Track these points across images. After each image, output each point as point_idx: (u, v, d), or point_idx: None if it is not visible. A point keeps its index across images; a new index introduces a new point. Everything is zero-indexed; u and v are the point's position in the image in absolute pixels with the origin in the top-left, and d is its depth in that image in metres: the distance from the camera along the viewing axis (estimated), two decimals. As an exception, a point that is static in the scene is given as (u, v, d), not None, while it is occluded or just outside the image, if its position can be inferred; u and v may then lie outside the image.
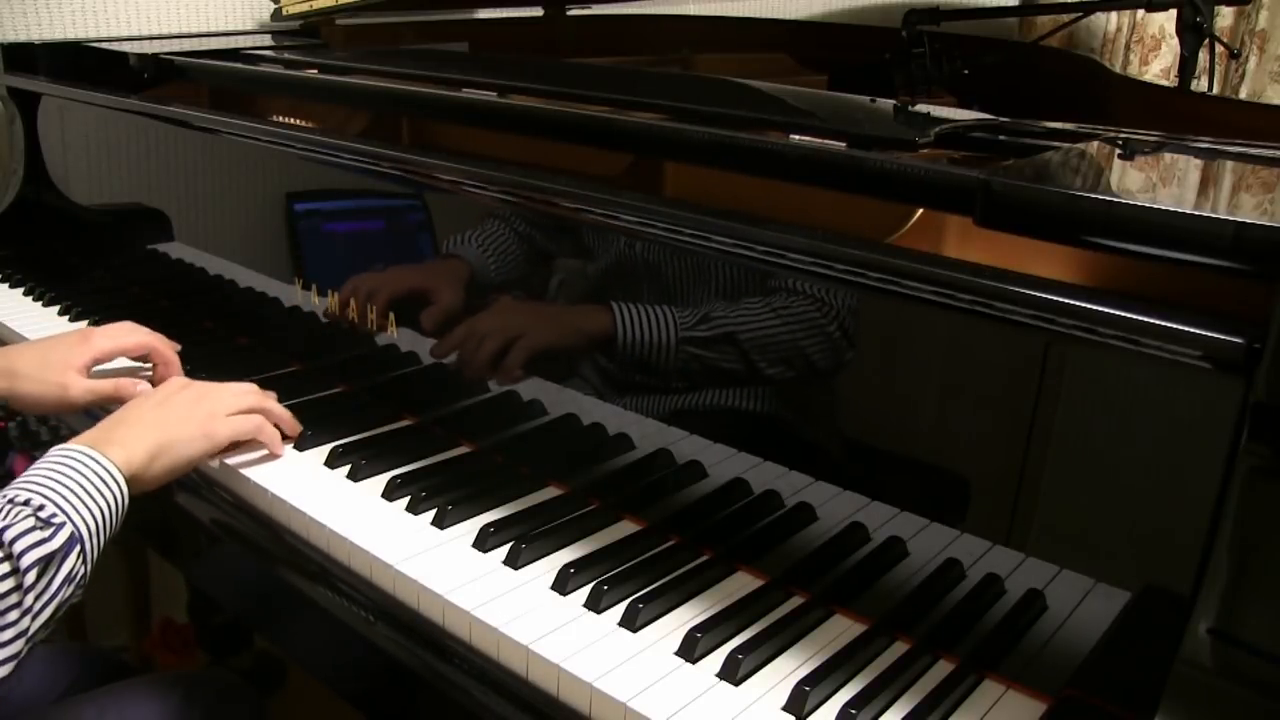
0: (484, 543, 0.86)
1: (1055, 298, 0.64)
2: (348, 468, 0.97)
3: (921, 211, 0.86)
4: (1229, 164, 0.82)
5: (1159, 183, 0.78)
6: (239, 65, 1.42)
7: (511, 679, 0.75)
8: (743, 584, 0.82)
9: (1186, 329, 0.59)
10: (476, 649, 0.77)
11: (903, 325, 0.74)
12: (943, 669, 0.72)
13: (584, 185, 0.89)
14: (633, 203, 0.85)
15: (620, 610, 0.77)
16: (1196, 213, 0.62)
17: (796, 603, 0.79)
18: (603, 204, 0.87)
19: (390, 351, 1.09)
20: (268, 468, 0.98)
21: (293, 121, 1.34)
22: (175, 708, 0.99)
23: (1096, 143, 0.84)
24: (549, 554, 0.85)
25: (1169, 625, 0.61)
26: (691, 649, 0.73)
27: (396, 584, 0.83)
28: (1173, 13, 1.52)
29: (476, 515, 0.90)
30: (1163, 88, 1.70)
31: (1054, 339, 0.65)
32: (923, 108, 0.99)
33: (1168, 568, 0.64)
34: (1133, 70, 2.58)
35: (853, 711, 0.66)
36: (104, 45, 1.55)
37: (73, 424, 1.20)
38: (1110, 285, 0.67)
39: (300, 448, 1.01)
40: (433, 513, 0.90)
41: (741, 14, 2.38)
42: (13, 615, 0.71)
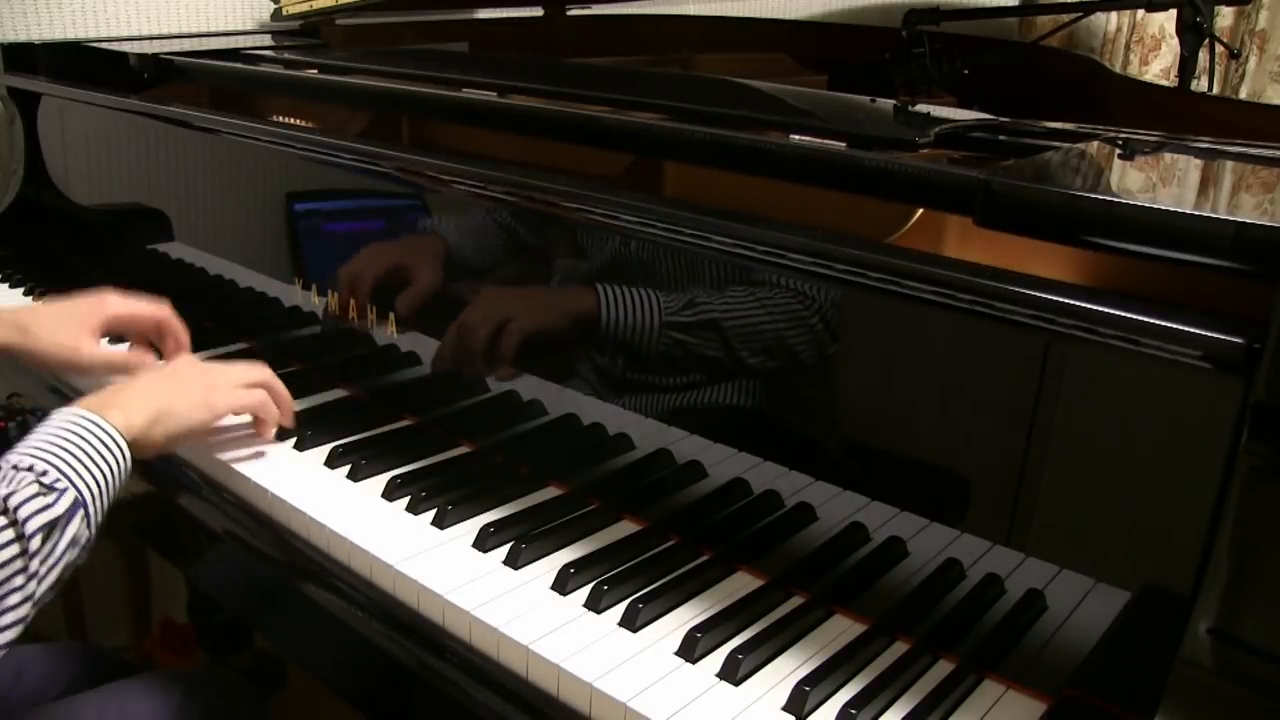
0: (484, 543, 0.86)
1: (1055, 298, 0.64)
2: (348, 468, 0.97)
3: (921, 211, 0.86)
4: (1229, 164, 0.82)
5: (1159, 183, 0.78)
6: (239, 65, 1.42)
7: (511, 679, 0.75)
8: (743, 584, 0.82)
9: (1186, 329, 0.59)
10: (476, 649, 0.77)
11: (903, 325, 0.74)
12: (943, 669, 0.72)
13: (584, 185, 0.89)
14: (632, 203, 0.85)
15: (620, 610, 0.77)
16: (1196, 213, 0.62)
17: (796, 603, 0.79)
18: (603, 204, 0.87)
19: (390, 351, 1.09)
20: (268, 468, 0.98)
21: (293, 121, 1.34)
22: (175, 706, 0.99)
23: (1096, 143, 0.85)
24: (549, 554, 0.85)
25: (1169, 625, 0.61)
26: (691, 649, 0.73)
27: (396, 584, 0.83)
28: (1173, 13, 1.52)
29: (476, 515, 0.90)
30: (1163, 88, 1.70)
31: (1054, 339, 0.65)
32: (923, 108, 0.99)
33: (1168, 568, 0.64)
34: (1133, 70, 2.58)
35: (853, 711, 0.66)
36: (104, 45, 1.54)
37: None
38: (1110, 285, 0.67)
39: (300, 448, 1.01)
40: (433, 513, 0.90)
41: (741, 14, 2.38)
42: (18, 580, 0.73)
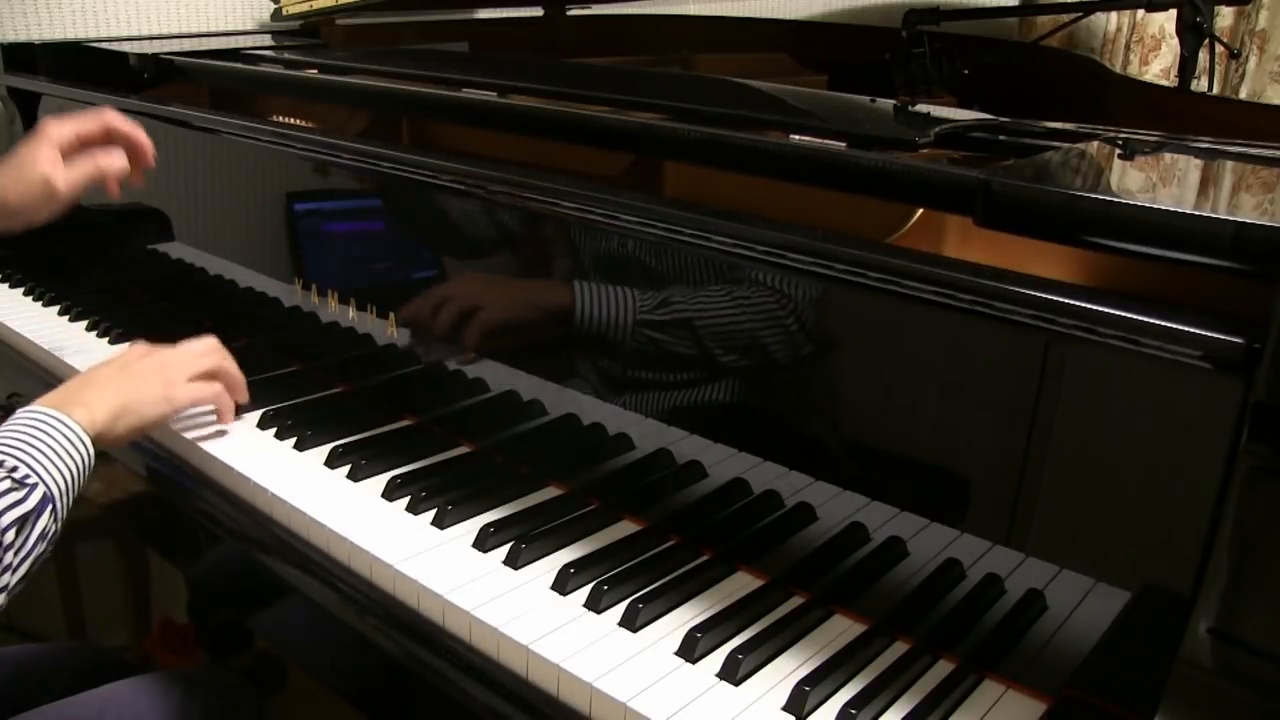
0: (484, 543, 0.86)
1: (1055, 298, 0.64)
2: (348, 468, 0.97)
3: (921, 211, 0.86)
4: (1229, 164, 0.82)
5: (1159, 183, 0.78)
6: (239, 65, 1.42)
7: (511, 679, 0.75)
8: (743, 584, 0.82)
9: (1186, 329, 0.59)
10: (476, 649, 0.77)
11: (903, 325, 0.74)
12: (943, 669, 0.72)
13: (584, 185, 0.89)
14: (632, 203, 0.85)
15: (620, 610, 0.77)
16: (1196, 213, 0.62)
17: (796, 603, 0.79)
18: (602, 204, 0.87)
19: (390, 351, 1.09)
20: (268, 468, 0.98)
21: (293, 121, 1.34)
22: (175, 706, 0.99)
23: (1096, 143, 0.85)
24: (549, 554, 0.85)
25: (1169, 625, 0.61)
26: (691, 649, 0.73)
27: (396, 584, 0.83)
28: (1173, 13, 1.52)
29: (476, 515, 0.90)
30: (1163, 88, 1.70)
31: (1054, 339, 0.65)
32: (923, 108, 0.99)
33: (1168, 568, 0.64)
34: (1133, 70, 2.58)
35: (853, 711, 0.66)
36: (104, 45, 1.54)
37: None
38: (1110, 285, 0.67)
39: (300, 448, 1.01)
40: (433, 513, 0.90)
41: (741, 14, 2.38)
42: None
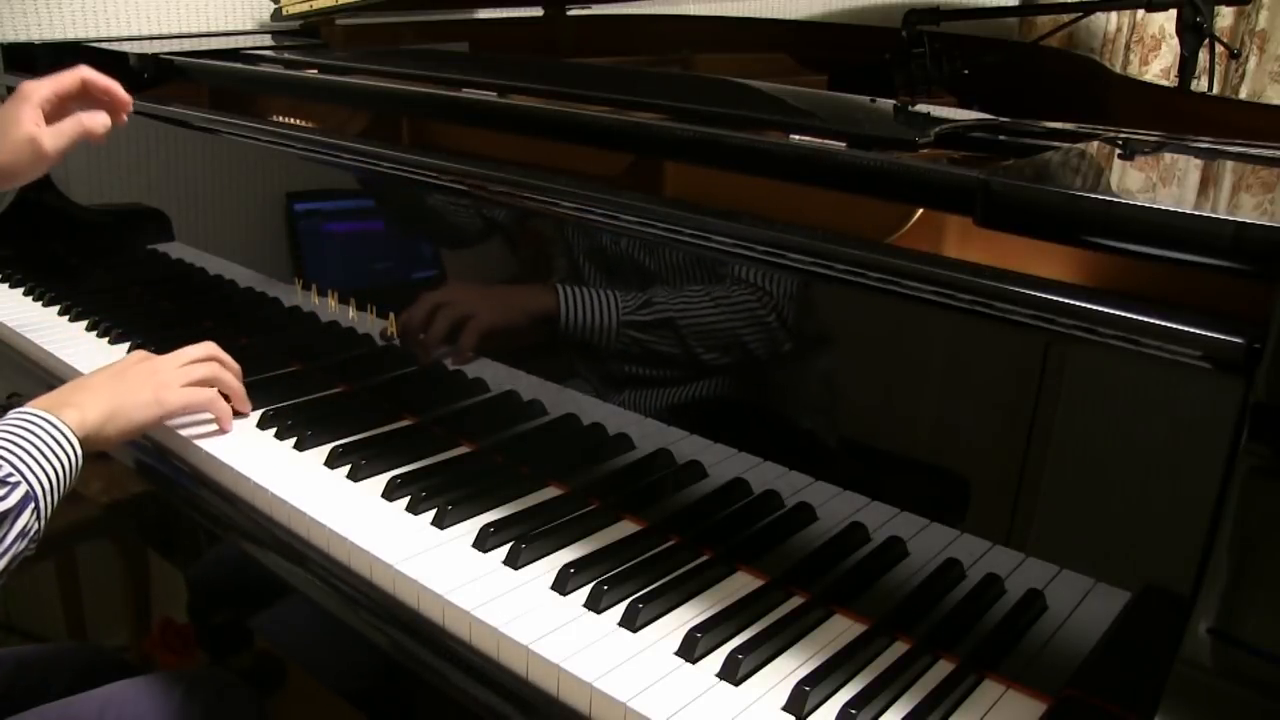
0: (484, 543, 0.86)
1: (1055, 298, 0.64)
2: (348, 468, 0.97)
3: (921, 211, 0.86)
4: (1229, 164, 0.82)
5: (1159, 183, 0.78)
6: (239, 65, 1.42)
7: (511, 679, 0.75)
8: (743, 584, 0.82)
9: (1186, 329, 0.59)
10: (476, 649, 0.77)
11: (903, 325, 0.74)
12: (943, 669, 0.72)
13: (584, 185, 0.89)
14: (632, 202, 0.85)
15: (620, 610, 0.77)
16: (1196, 213, 0.62)
17: (796, 603, 0.79)
18: (602, 204, 0.87)
19: (390, 351, 1.09)
20: (268, 468, 0.98)
21: (293, 121, 1.34)
22: (175, 707, 0.99)
23: (1096, 143, 0.85)
24: (549, 554, 0.85)
25: (1169, 625, 0.61)
26: (691, 649, 0.73)
27: (396, 584, 0.83)
28: (1173, 13, 1.52)
29: (476, 515, 0.90)
30: (1163, 88, 1.70)
31: (1054, 339, 0.65)
32: (923, 108, 0.99)
33: (1168, 568, 0.64)
34: (1133, 70, 2.58)
35: (853, 711, 0.66)
36: (104, 45, 1.54)
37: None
38: (1110, 285, 0.67)
39: (300, 448, 1.01)
40: (433, 513, 0.90)
41: (741, 14, 2.38)
42: None
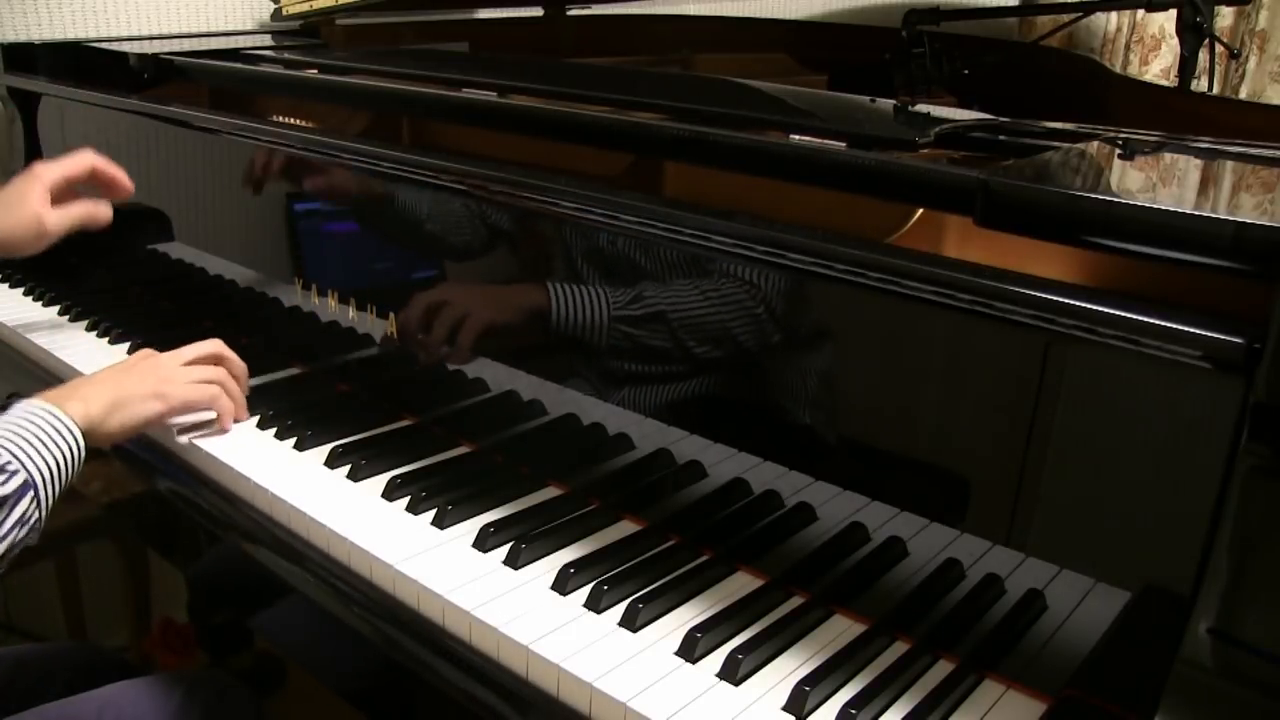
0: (484, 543, 0.86)
1: (1055, 298, 0.64)
2: (348, 468, 0.97)
3: (921, 211, 0.86)
4: (1229, 164, 0.82)
5: (1159, 183, 0.78)
6: (239, 65, 1.42)
7: (511, 679, 0.75)
8: (743, 584, 0.82)
9: (1186, 329, 0.59)
10: (476, 649, 0.77)
11: (903, 325, 0.74)
12: (943, 669, 0.72)
13: (584, 185, 0.89)
14: (632, 202, 0.85)
15: (620, 610, 0.77)
16: (1196, 213, 0.62)
17: (796, 603, 0.79)
18: (602, 204, 0.87)
19: (390, 351, 1.09)
20: (268, 468, 0.98)
21: (293, 121, 1.34)
22: (174, 708, 0.99)
23: (1096, 143, 0.84)
24: (549, 554, 0.85)
25: (1169, 625, 0.61)
26: (691, 649, 0.73)
27: (396, 584, 0.83)
28: (1173, 13, 1.52)
29: (476, 515, 0.90)
30: (1163, 88, 1.70)
31: (1054, 339, 0.65)
32: (923, 108, 0.99)
33: (1168, 568, 0.64)
34: (1133, 70, 2.58)
35: (853, 711, 0.66)
36: (104, 45, 1.54)
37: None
38: (1110, 285, 0.67)
39: (300, 448, 1.01)
40: (433, 513, 0.90)
41: (741, 14, 2.38)
42: None
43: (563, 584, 0.80)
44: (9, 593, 1.80)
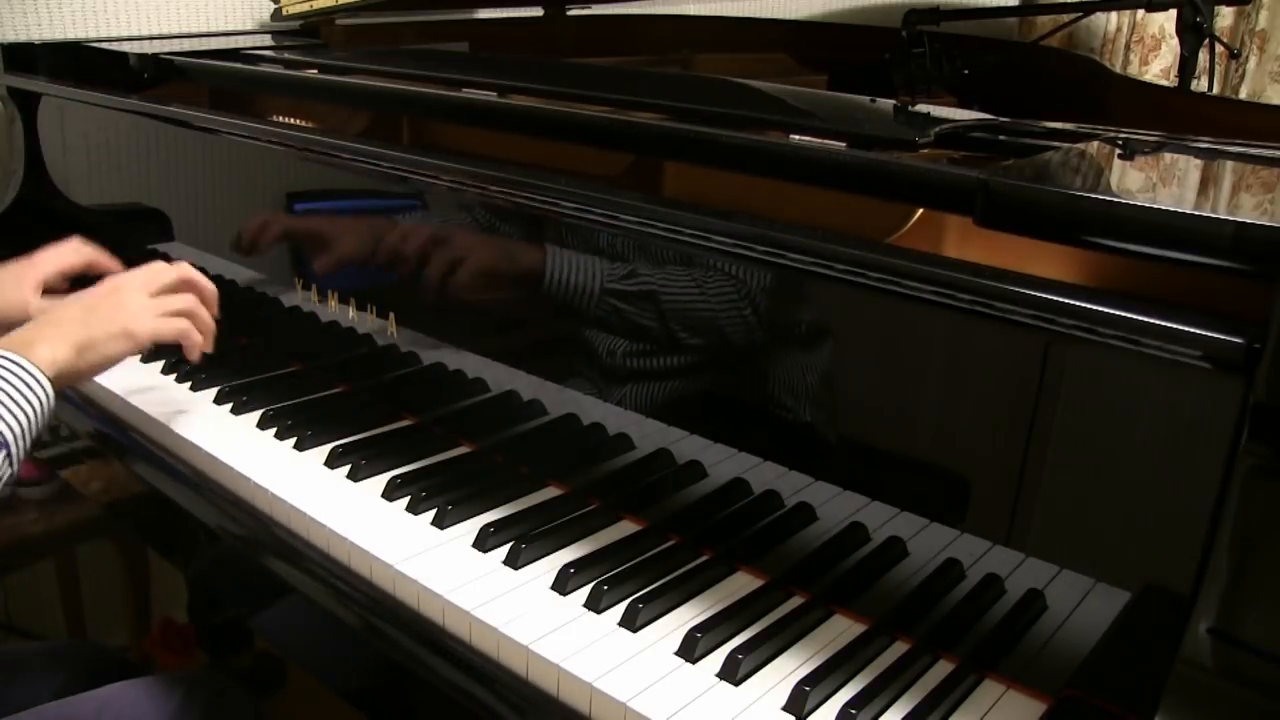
0: (484, 543, 0.86)
1: (1055, 298, 0.64)
2: (348, 468, 0.97)
3: (921, 211, 0.86)
4: (1229, 164, 0.82)
5: (1159, 183, 0.78)
6: (239, 65, 1.42)
7: (511, 679, 0.75)
8: (743, 584, 0.82)
9: (1186, 329, 0.59)
10: (476, 649, 0.78)
11: (903, 325, 0.74)
12: (943, 669, 0.72)
13: (584, 185, 0.89)
14: (632, 202, 0.85)
15: (620, 610, 0.77)
16: (1196, 213, 0.62)
17: (796, 603, 0.79)
18: (603, 204, 0.87)
19: (390, 351, 1.09)
20: (268, 467, 0.98)
21: (293, 121, 1.34)
22: (173, 708, 0.99)
23: (1096, 143, 0.84)
24: (549, 554, 0.85)
25: (1169, 625, 0.61)
26: (691, 649, 0.73)
27: (396, 584, 0.83)
28: (1173, 13, 1.52)
29: (476, 515, 0.90)
30: (1163, 88, 1.70)
31: (1054, 339, 0.65)
32: (923, 108, 0.99)
33: (1168, 568, 0.64)
34: (1133, 70, 2.58)
35: (853, 711, 0.67)
36: (104, 45, 1.54)
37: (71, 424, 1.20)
38: (1110, 285, 0.67)
39: (300, 448, 1.01)
40: (433, 513, 0.90)
41: (741, 14, 2.38)
42: None
43: (563, 584, 0.80)
44: (9, 593, 1.80)
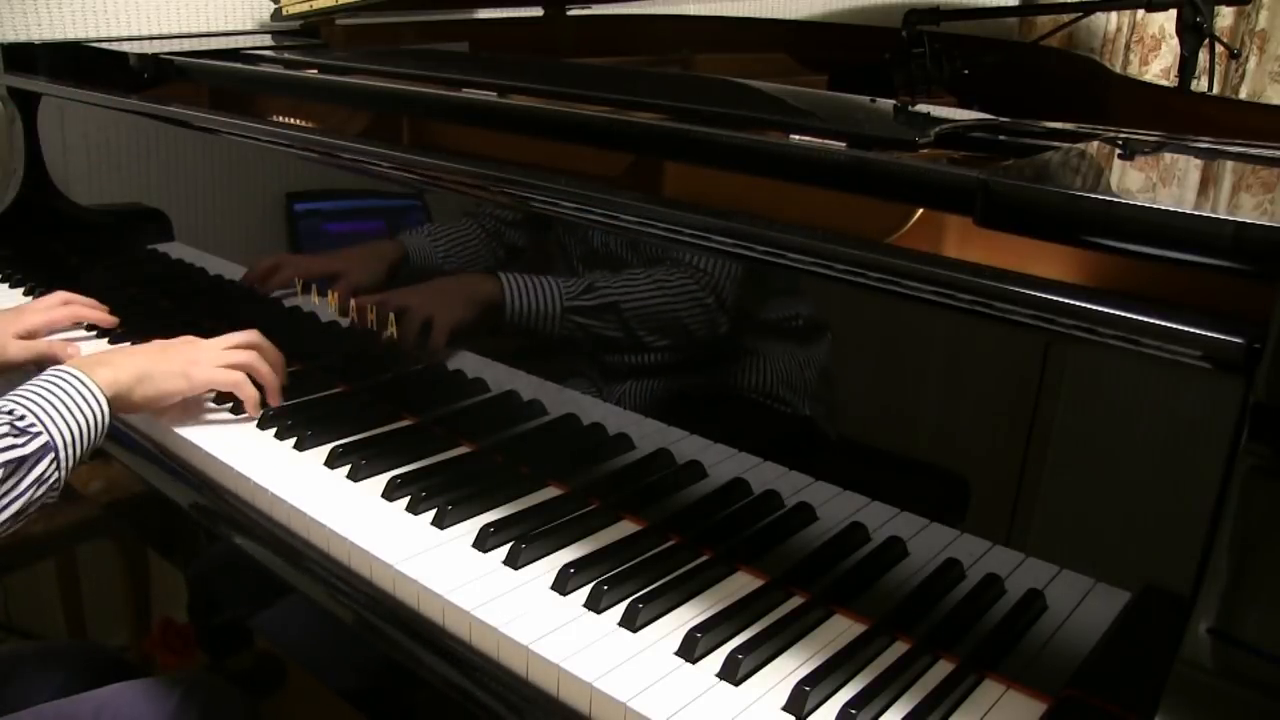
0: (484, 543, 0.86)
1: (1055, 298, 0.64)
2: (348, 468, 0.97)
3: (921, 211, 0.86)
4: (1229, 164, 0.82)
5: (1159, 183, 0.78)
6: (239, 65, 1.42)
7: (511, 679, 0.75)
8: (743, 584, 0.82)
9: (1186, 329, 0.59)
10: (476, 649, 0.77)
11: (903, 325, 0.74)
12: (943, 669, 0.72)
13: (584, 185, 0.89)
14: (631, 202, 0.85)
15: (620, 610, 0.77)
16: (1196, 213, 0.62)
17: (796, 603, 0.79)
18: (602, 204, 0.87)
19: (390, 351, 1.09)
20: (269, 467, 0.98)
21: (293, 121, 1.34)
22: (171, 709, 0.99)
23: (1096, 143, 0.84)
24: (549, 554, 0.85)
25: (1169, 625, 0.61)
26: (691, 649, 0.73)
27: (396, 584, 0.83)
28: (1173, 13, 1.52)
29: (476, 515, 0.90)
30: (1163, 88, 1.70)
31: (1054, 339, 0.65)
32: (923, 108, 0.99)
33: (1168, 568, 0.64)
34: (1133, 70, 2.58)
35: (853, 711, 0.66)
36: (104, 45, 1.54)
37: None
38: (1110, 285, 0.67)
39: (300, 448, 1.01)
40: (433, 513, 0.90)
41: (741, 14, 2.38)
42: None
43: (563, 584, 0.80)
44: (9, 592, 1.80)
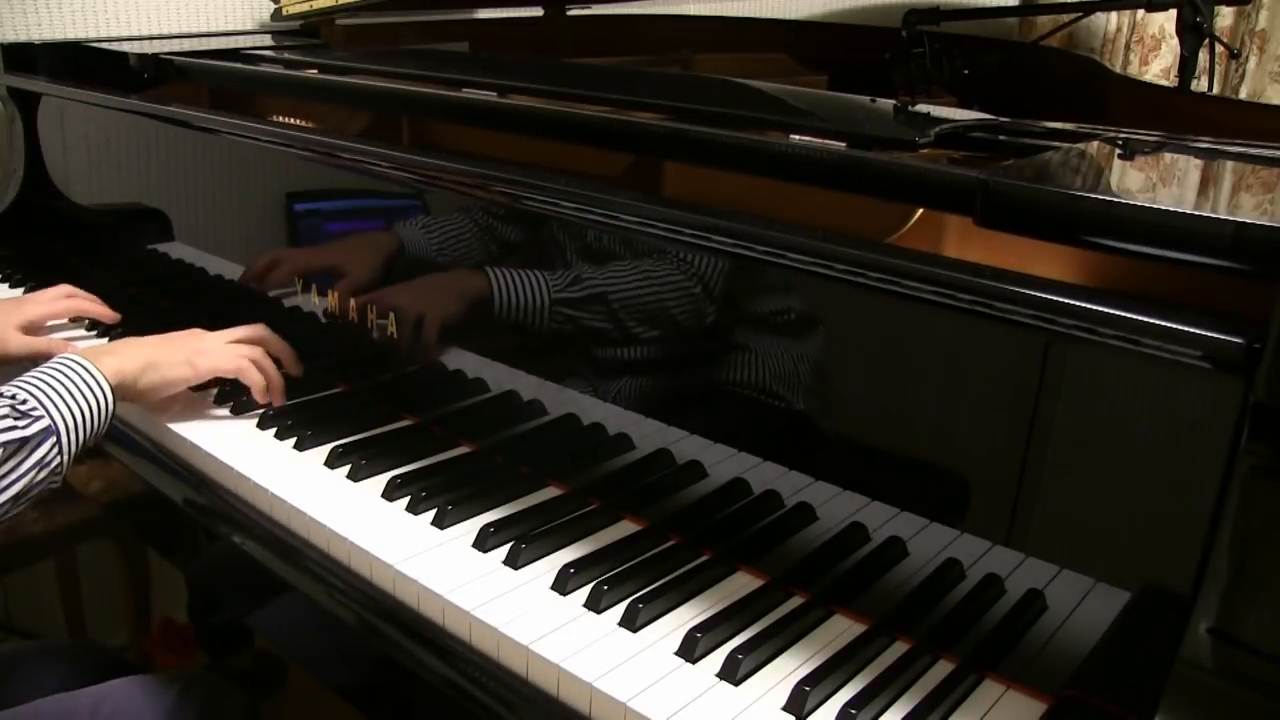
0: (484, 543, 0.86)
1: (1055, 298, 0.64)
2: (348, 468, 0.97)
3: (921, 211, 0.86)
4: (1229, 164, 0.82)
5: (1159, 183, 0.78)
6: (239, 65, 1.42)
7: (511, 679, 0.75)
8: (743, 584, 0.82)
9: (1186, 329, 0.59)
10: (476, 649, 0.77)
11: (903, 325, 0.74)
12: (943, 669, 0.72)
13: (584, 185, 0.89)
14: (631, 202, 0.85)
15: (620, 610, 0.77)
16: (1196, 213, 0.62)
17: (796, 603, 0.79)
18: (602, 204, 0.87)
19: (390, 351, 1.09)
20: (269, 468, 0.98)
21: (293, 121, 1.34)
22: (169, 706, 0.99)
23: (1096, 143, 0.84)
24: (549, 554, 0.85)
25: (1169, 625, 0.61)
26: (691, 649, 0.73)
27: (396, 584, 0.83)
28: (1173, 13, 1.52)
29: (476, 515, 0.90)
30: (1163, 88, 1.70)
31: (1054, 339, 0.65)
32: (923, 108, 0.99)
33: (1168, 568, 0.64)
34: (1133, 70, 2.58)
35: (853, 711, 0.66)
36: (104, 45, 1.54)
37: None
38: (1110, 285, 0.67)
39: (300, 448, 1.01)
40: (433, 513, 0.90)
41: (741, 14, 2.38)
42: None
43: (563, 584, 0.80)
44: (9, 592, 1.80)
